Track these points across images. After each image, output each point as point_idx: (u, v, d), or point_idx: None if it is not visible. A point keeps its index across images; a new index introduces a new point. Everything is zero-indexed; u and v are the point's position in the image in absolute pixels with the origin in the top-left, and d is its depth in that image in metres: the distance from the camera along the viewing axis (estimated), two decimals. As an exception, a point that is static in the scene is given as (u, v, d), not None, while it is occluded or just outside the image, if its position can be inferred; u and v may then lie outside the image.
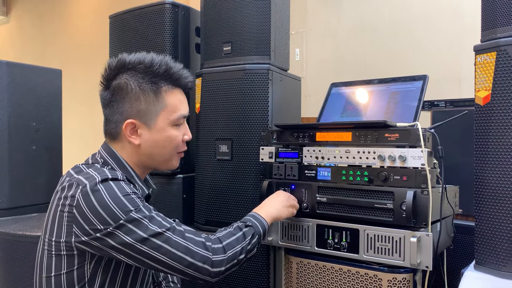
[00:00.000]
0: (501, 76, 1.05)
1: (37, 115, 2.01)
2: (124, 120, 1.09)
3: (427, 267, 1.11)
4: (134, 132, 1.11)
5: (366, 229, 1.20)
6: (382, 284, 1.17)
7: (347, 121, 1.48)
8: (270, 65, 1.49)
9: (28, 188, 1.96)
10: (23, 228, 1.62)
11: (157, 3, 1.70)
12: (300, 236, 1.31)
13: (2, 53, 5.68)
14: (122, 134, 1.11)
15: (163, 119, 1.11)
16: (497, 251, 1.08)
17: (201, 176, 1.60)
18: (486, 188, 1.10)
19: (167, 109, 1.11)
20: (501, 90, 1.06)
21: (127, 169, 1.13)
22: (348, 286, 1.23)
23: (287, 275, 1.36)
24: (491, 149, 1.07)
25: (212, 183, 1.55)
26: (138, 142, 1.11)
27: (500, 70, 1.05)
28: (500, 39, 1.06)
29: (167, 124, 1.12)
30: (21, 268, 1.56)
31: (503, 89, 1.05)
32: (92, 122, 4.37)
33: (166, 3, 1.68)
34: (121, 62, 1.11)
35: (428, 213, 1.12)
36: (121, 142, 1.13)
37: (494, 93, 1.07)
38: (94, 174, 1.02)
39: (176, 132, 1.14)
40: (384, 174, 1.18)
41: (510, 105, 1.04)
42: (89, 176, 1.02)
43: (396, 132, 1.18)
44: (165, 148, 1.14)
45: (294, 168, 1.35)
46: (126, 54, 1.12)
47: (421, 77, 1.45)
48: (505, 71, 1.05)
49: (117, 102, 1.11)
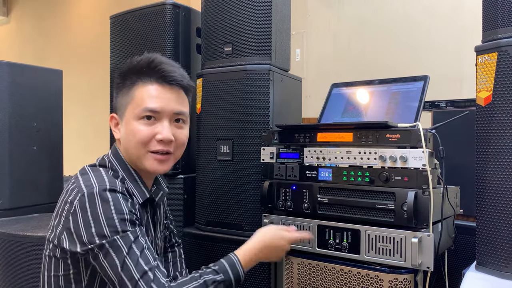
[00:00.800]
0: (503, 76, 1.05)
1: (38, 115, 2.01)
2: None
3: (428, 267, 1.12)
4: (116, 126, 1.15)
5: (367, 229, 1.20)
6: (383, 285, 1.17)
7: (348, 121, 1.48)
8: (271, 66, 1.49)
9: (29, 188, 1.96)
10: (24, 229, 1.62)
11: (158, 3, 1.70)
12: (301, 237, 1.31)
13: (2, 54, 5.68)
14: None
15: (129, 112, 1.10)
16: (498, 252, 1.08)
17: (202, 177, 1.60)
18: (487, 189, 1.10)
19: (133, 102, 1.10)
20: (502, 91, 1.05)
21: (129, 170, 1.13)
22: (349, 286, 1.23)
23: (288, 276, 1.36)
24: (492, 149, 1.07)
25: (213, 184, 1.55)
26: (118, 136, 1.14)
27: (502, 70, 1.05)
28: (502, 39, 1.06)
29: (131, 118, 1.09)
30: (22, 268, 1.55)
31: (504, 89, 1.05)
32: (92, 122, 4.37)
33: (167, 4, 1.68)
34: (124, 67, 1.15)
35: (429, 214, 1.12)
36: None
37: (495, 94, 1.07)
38: (93, 182, 1.03)
39: (140, 126, 1.08)
40: (385, 175, 1.18)
41: (511, 105, 1.04)
42: (89, 184, 1.02)
43: (397, 133, 1.18)
44: (130, 143, 1.10)
45: (295, 169, 1.35)
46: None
47: (422, 77, 1.45)
48: (506, 71, 1.05)
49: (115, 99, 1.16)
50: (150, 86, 1.09)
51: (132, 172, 1.13)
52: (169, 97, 1.10)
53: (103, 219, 0.97)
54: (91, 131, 4.37)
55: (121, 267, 0.95)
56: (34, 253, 1.53)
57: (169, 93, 1.11)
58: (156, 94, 1.09)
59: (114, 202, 0.99)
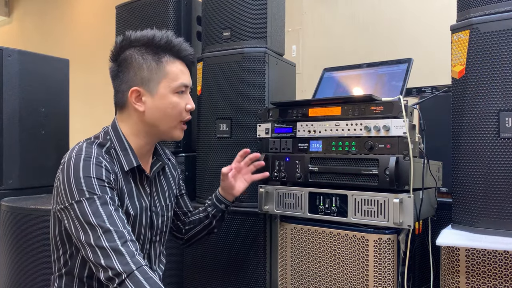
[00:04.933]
0: (474, 51, 1.17)
1: (46, 101, 2.12)
2: (129, 88, 1.20)
3: (409, 226, 1.22)
4: (139, 99, 1.21)
5: (354, 194, 1.31)
6: (368, 245, 1.28)
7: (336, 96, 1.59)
8: (266, 49, 1.61)
9: (37, 170, 2.07)
10: (35, 203, 1.72)
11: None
12: (294, 204, 1.42)
13: (5, 53, 5.75)
14: (128, 102, 1.22)
15: (164, 87, 1.21)
16: (471, 211, 1.19)
17: (202, 154, 1.71)
18: (461, 154, 1.21)
19: (168, 77, 1.21)
20: (474, 64, 1.17)
21: (122, 140, 1.22)
22: (338, 248, 1.33)
23: (282, 241, 1.47)
24: (466, 116, 1.19)
25: (213, 160, 1.66)
26: (143, 109, 1.21)
27: (473, 45, 1.17)
28: (473, 18, 1.18)
29: (168, 92, 1.21)
30: (32, 239, 1.65)
31: (476, 62, 1.17)
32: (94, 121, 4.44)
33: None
34: (127, 37, 1.23)
35: (410, 177, 1.23)
36: (128, 111, 1.23)
37: (468, 67, 1.18)
38: (75, 149, 1.15)
39: (177, 99, 1.22)
40: (370, 143, 1.29)
41: (482, 76, 1.16)
42: (71, 151, 1.15)
43: (380, 105, 1.29)
44: (168, 115, 1.21)
45: (289, 142, 1.46)
46: (132, 31, 1.24)
47: (406, 60, 1.57)
48: (477, 46, 1.16)
49: (123, 72, 1.22)
50: (177, 62, 1.24)
51: (125, 142, 1.21)
52: (188, 73, 1.28)
53: (73, 182, 1.07)
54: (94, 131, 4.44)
55: (86, 222, 1.04)
56: (44, 224, 1.63)
57: (187, 69, 1.27)
58: (184, 70, 1.25)
59: (84, 166, 1.09)
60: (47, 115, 2.13)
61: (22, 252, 1.67)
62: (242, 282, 1.57)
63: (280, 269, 1.47)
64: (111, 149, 1.19)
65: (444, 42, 2.48)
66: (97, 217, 1.03)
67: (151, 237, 1.28)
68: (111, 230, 1.03)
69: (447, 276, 1.20)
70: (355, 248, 1.30)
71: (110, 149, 1.19)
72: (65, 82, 2.24)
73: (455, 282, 1.18)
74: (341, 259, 1.32)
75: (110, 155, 1.18)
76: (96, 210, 1.04)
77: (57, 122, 2.17)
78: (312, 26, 3.15)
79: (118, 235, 1.03)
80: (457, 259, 1.17)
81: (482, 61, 1.16)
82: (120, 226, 1.05)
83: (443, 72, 2.50)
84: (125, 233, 1.05)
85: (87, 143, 1.17)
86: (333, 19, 3.04)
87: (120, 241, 1.02)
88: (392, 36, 2.70)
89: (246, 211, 1.58)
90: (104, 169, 1.11)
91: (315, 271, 1.37)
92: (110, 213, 1.05)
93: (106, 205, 1.06)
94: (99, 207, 1.05)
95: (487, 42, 1.15)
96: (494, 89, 1.14)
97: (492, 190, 1.14)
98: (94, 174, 1.08)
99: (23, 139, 2.01)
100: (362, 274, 1.28)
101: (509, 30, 1.12)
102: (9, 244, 1.70)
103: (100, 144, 1.18)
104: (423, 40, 2.58)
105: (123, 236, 1.04)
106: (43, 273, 1.61)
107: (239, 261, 1.58)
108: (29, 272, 1.63)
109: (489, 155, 1.15)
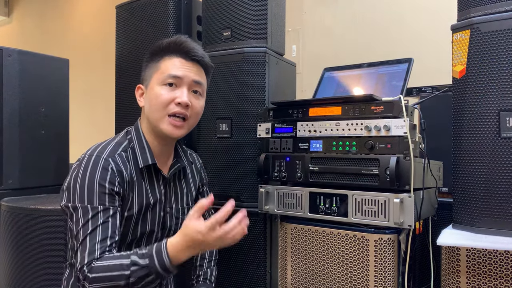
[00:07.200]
0: (475, 50, 1.17)
1: (46, 101, 2.11)
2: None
3: (409, 225, 1.22)
4: (141, 96, 1.29)
5: (354, 194, 1.31)
6: (369, 244, 1.28)
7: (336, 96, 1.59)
8: (267, 49, 1.61)
9: (37, 170, 2.06)
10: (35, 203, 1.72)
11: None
12: (294, 204, 1.42)
13: (5, 53, 5.75)
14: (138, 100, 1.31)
15: (154, 80, 1.24)
16: (471, 211, 1.18)
17: (202, 154, 1.71)
18: (462, 154, 1.21)
19: (159, 71, 1.24)
20: (474, 63, 1.17)
21: (141, 138, 1.26)
22: (338, 248, 1.33)
23: (283, 241, 1.46)
24: (467, 116, 1.19)
25: (213, 159, 1.66)
26: (142, 104, 1.28)
27: (474, 45, 1.17)
28: (473, 18, 1.18)
29: (155, 84, 1.23)
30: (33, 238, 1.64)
31: (476, 62, 1.17)
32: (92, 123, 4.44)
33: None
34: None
35: (410, 177, 1.23)
36: (142, 110, 1.30)
37: (468, 66, 1.18)
38: (91, 149, 1.19)
39: (162, 91, 1.21)
40: (370, 143, 1.29)
41: (482, 76, 1.16)
42: (87, 150, 1.19)
43: (381, 105, 1.29)
44: (152, 106, 1.22)
45: (289, 142, 1.46)
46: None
47: (406, 60, 1.57)
48: (478, 46, 1.16)
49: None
50: (175, 58, 1.23)
51: (143, 139, 1.25)
52: (190, 69, 1.24)
53: (78, 186, 1.12)
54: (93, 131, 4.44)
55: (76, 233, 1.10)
56: (44, 224, 1.63)
57: (191, 66, 1.25)
58: (180, 64, 1.23)
59: (91, 171, 1.13)
60: (47, 115, 2.12)
61: (22, 252, 1.66)
62: (242, 282, 1.57)
63: (280, 269, 1.47)
64: (129, 147, 1.23)
65: (445, 42, 2.49)
66: (83, 227, 1.10)
67: (161, 237, 1.30)
68: (87, 244, 1.07)
69: (448, 276, 1.20)
70: (356, 248, 1.30)
71: (128, 147, 1.23)
72: (65, 82, 2.23)
73: (455, 282, 1.18)
74: (342, 259, 1.32)
75: (127, 152, 1.21)
76: (86, 222, 1.10)
77: (57, 122, 2.17)
78: (312, 26, 3.14)
79: (89, 250, 1.07)
80: (457, 259, 1.17)
81: (482, 61, 1.16)
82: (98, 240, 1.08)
83: (443, 71, 2.51)
84: (97, 248, 1.07)
85: (106, 142, 1.22)
86: (333, 19, 3.04)
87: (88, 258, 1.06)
88: (392, 36, 2.70)
89: (246, 211, 1.57)
90: (110, 172, 1.14)
91: (316, 271, 1.37)
92: (96, 226, 1.09)
93: (95, 217, 1.10)
94: (89, 221, 1.10)
95: (488, 42, 1.15)
96: (495, 88, 1.14)
97: (492, 190, 1.14)
98: (98, 179, 1.12)
99: (23, 139, 2.00)
100: (363, 274, 1.28)
101: (509, 30, 1.12)
102: (9, 244, 1.70)
103: (118, 142, 1.23)
104: (423, 40, 2.58)
105: (93, 253, 1.06)
106: (43, 273, 1.60)
107: (239, 261, 1.58)
108: (29, 272, 1.63)
109: (489, 154, 1.15)
